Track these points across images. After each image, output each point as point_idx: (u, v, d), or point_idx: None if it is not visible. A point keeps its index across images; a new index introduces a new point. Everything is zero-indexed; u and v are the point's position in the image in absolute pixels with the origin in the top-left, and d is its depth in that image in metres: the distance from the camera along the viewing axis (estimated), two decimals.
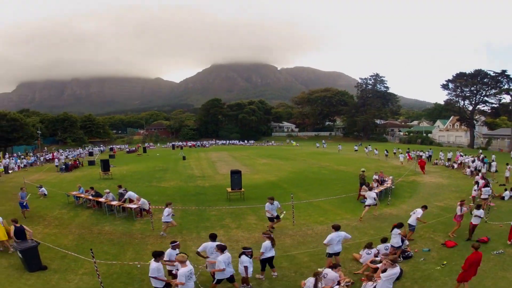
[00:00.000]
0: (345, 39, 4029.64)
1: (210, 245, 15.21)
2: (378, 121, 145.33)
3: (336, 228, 16.18)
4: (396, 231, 17.25)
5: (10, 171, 56.60)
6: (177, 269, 12.93)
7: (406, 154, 60.30)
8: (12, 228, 18.24)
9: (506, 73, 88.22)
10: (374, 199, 24.30)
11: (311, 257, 17.51)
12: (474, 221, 19.33)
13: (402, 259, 16.73)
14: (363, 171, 34.07)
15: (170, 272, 14.60)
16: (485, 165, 44.10)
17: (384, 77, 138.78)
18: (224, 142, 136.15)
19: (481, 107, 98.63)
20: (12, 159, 68.90)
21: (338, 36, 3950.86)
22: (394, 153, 68.58)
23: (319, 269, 14.13)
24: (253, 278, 15.28)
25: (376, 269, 14.64)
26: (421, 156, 57.40)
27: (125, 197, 27.40)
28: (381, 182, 33.59)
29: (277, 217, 21.66)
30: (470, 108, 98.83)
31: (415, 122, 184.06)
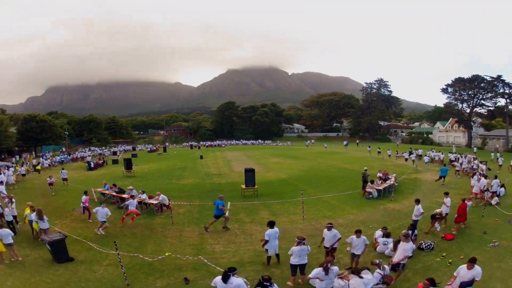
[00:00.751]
0: (351, 46, 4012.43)
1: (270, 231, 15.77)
2: (382, 123, 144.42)
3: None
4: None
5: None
6: None
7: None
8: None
9: (501, 78, 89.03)
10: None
11: (319, 249, 17.32)
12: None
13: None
14: (366, 170, 34.36)
15: None
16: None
17: (387, 81, 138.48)
18: (237, 142, 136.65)
19: (478, 109, 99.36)
20: (44, 157, 70.00)
21: (345, 42, 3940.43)
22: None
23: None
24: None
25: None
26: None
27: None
28: (384, 179, 33.61)
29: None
30: (468, 110, 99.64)
31: (417, 124, 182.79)
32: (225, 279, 11.71)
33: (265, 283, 12.44)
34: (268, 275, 12.73)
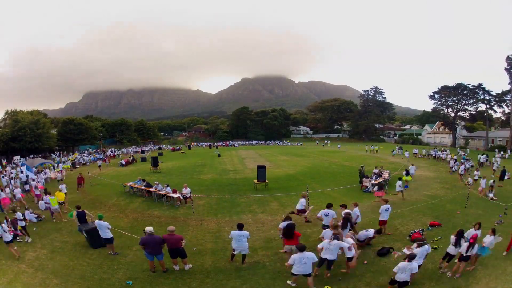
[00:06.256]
0: (351, 58, 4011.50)
1: (236, 233, 14.63)
2: (377, 125, 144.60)
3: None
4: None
5: (77, 166, 57.61)
6: None
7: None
8: (74, 213, 18.61)
9: (482, 86, 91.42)
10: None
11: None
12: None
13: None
14: (362, 167, 34.41)
15: None
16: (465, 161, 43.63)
17: (382, 89, 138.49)
18: (250, 142, 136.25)
19: (461, 113, 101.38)
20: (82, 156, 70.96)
21: (345, 54, 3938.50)
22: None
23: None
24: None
25: None
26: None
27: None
28: (379, 175, 33.50)
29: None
30: (453, 114, 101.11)
31: (408, 126, 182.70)
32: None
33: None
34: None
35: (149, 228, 14.08)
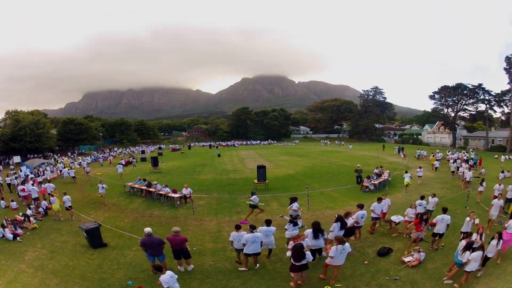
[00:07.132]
0: (351, 57, 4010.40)
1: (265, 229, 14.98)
2: (377, 125, 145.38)
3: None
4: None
5: (78, 166, 57.67)
6: None
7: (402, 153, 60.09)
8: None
9: (482, 86, 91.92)
10: None
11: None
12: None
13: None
14: (358, 166, 34.66)
15: None
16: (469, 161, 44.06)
17: (382, 89, 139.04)
18: (250, 142, 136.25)
19: (461, 113, 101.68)
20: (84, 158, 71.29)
21: (346, 55, 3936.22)
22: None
23: None
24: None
25: None
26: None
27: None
28: (380, 175, 33.52)
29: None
30: (453, 114, 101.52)
31: (408, 126, 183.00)
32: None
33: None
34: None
35: (147, 230, 14.08)
